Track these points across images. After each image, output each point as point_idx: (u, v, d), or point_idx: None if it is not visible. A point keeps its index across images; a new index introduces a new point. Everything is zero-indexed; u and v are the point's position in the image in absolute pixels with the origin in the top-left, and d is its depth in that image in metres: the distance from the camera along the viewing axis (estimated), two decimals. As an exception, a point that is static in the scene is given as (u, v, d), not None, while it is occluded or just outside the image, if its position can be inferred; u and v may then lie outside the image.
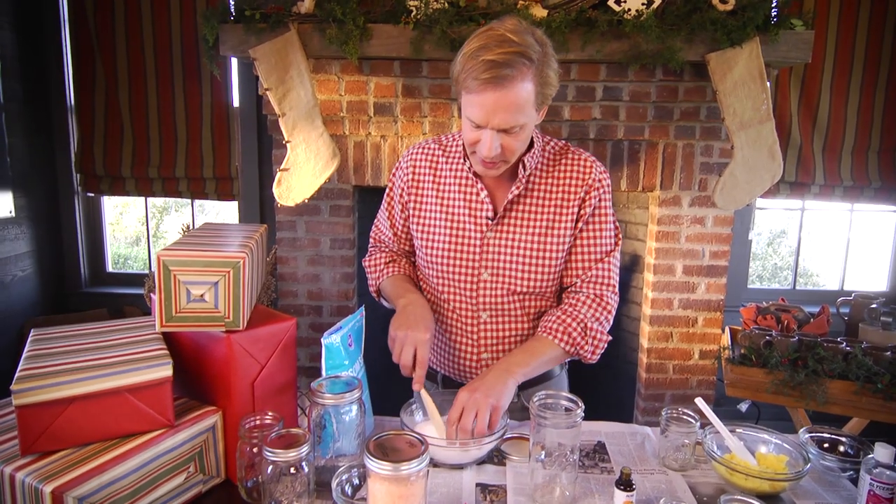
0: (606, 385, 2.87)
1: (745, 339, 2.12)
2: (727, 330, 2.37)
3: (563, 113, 2.23)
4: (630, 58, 2.01)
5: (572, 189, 1.25)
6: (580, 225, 1.26)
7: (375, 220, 1.46)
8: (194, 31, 2.76)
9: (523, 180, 1.23)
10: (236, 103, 2.85)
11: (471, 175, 1.26)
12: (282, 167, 2.10)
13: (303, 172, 2.09)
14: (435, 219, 1.30)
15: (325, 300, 2.50)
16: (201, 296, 0.97)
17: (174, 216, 6.14)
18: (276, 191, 2.11)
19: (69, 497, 0.80)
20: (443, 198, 1.30)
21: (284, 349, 1.08)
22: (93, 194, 3.02)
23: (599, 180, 1.26)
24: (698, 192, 2.36)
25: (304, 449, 0.92)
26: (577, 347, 1.23)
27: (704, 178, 2.34)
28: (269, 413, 1.01)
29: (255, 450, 0.97)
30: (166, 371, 0.93)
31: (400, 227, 1.40)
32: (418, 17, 1.97)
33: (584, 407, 1.01)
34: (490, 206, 1.26)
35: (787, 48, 2.00)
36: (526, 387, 1.34)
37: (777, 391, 1.95)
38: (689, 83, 2.17)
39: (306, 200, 2.14)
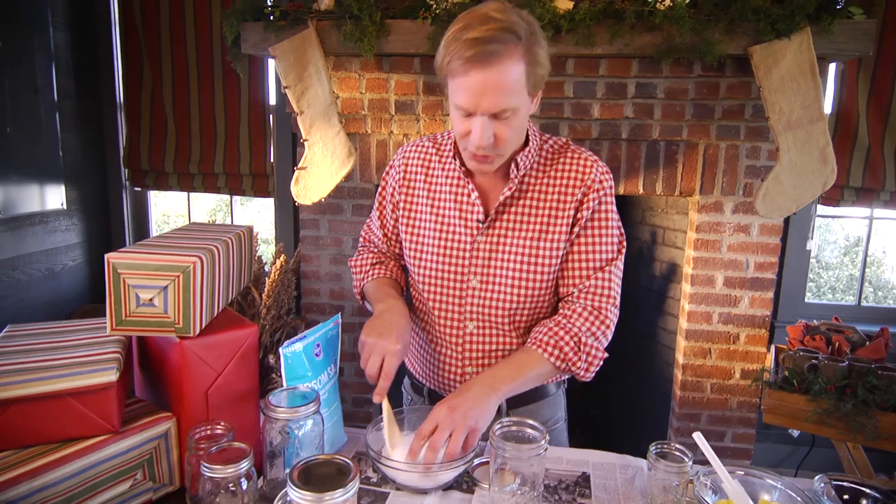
0: (642, 401, 2.71)
1: (789, 361, 1.93)
2: (773, 349, 2.17)
3: (593, 111, 2.10)
4: (662, 52, 1.86)
5: (569, 190, 1.15)
6: (577, 230, 1.16)
7: (367, 220, 1.41)
8: (233, 30, 2.81)
9: (516, 180, 1.15)
10: (273, 101, 2.88)
11: (462, 175, 1.19)
12: (299, 165, 2.09)
13: (319, 171, 2.07)
14: (424, 220, 1.24)
15: (347, 299, 2.48)
16: (150, 300, 0.94)
17: (239, 210, 6.38)
18: (293, 189, 2.10)
19: (-6, 502, 0.79)
20: (433, 198, 1.23)
21: (244, 357, 1.04)
22: (139, 189, 3.15)
23: (600, 181, 1.15)
24: (743, 197, 2.16)
25: (244, 465, 0.88)
26: (569, 364, 1.13)
27: (750, 183, 2.15)
28: (221, 423, 0.98)
29: (202, 461, 0.93)
30: (110, 376, 0.90)
31: (391, 228, 1.34)
32: (437, 11, 1.90)
33: (548, 438, 0.91)
34: (481, 209, 1.18)
35: (844, 39, 1.79)
36: (517, 405, 1.26)
37: (820, 421, 1.76)
38: (731, 79, 1.99)
39: (323, 199, 2.12)
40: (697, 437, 1.07)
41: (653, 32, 1.85)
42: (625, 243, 1.21)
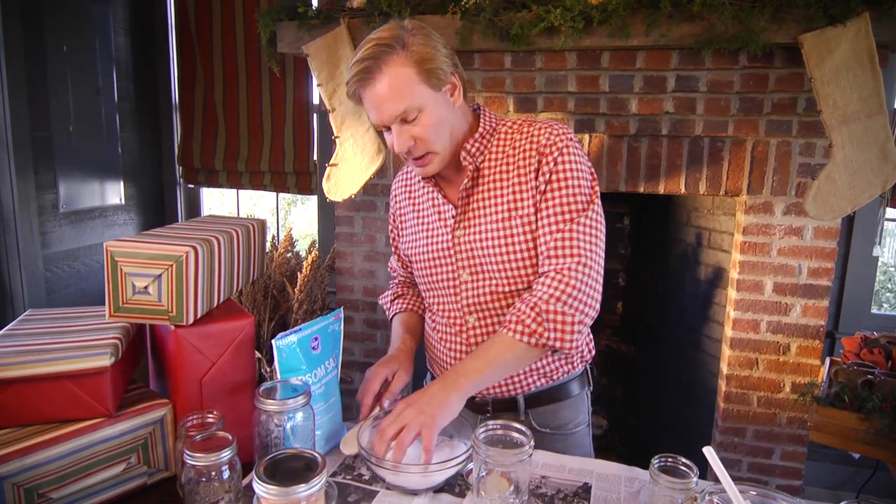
0: (684, 412, 2.57)
1: (841, 375, 1.78)
2: (827, 362, 2.01)
3: (631, 106, 2.01)
4: (702, 42, 1.75)
5: (526, 162, 1.14)
6: (538, 196, 1.13)
7: None
8: (279, 31, 2.88)
9: (471, 167, 1.16)
10: (316, 101, 2.93)
11: (427, 182, 1.25)
12: (330, 162, 2.11)
13: (350, 167, 2.08)
14: (415, 233, 1.29)
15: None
16: (145, 288, 0.96)
17: (300, 208, 6.57)
18: (324, 186, 2.13)
19: (-13, 476, 0.82)
20: (418, 213, 1.29)
21: (239, 347, 1.05)
22: (192, 186, 3.28)
23: (553, 143, 1.12)
24: (795, 198, 2.01)
25: (226, 455, 0.88)
26: (537, 337, 1.06)
27: (803, 182, 1.99)
28: (213, 412, 0.99)
29: (184, 448, 0.94)
30: (104, 361, 0.93)
31: (401, 254, 1.41)
32: (467, 6, 1.87)
33: (533, 443, 0.87)
34: (450, 205, 1.21)
35: (909, 24, 1.63)
36: (537, 405, 1.25)
37: (872, 442, 1.61)
38: (781, 70, 1.85)
39: (353, 196, 2.13)
40: (708, 451, 0.99)
41: (692, 22, 1.74)
42: (595, 198, 1.14)
